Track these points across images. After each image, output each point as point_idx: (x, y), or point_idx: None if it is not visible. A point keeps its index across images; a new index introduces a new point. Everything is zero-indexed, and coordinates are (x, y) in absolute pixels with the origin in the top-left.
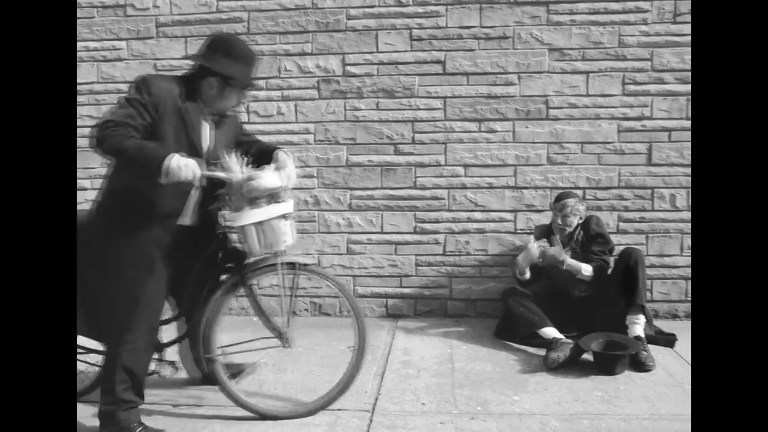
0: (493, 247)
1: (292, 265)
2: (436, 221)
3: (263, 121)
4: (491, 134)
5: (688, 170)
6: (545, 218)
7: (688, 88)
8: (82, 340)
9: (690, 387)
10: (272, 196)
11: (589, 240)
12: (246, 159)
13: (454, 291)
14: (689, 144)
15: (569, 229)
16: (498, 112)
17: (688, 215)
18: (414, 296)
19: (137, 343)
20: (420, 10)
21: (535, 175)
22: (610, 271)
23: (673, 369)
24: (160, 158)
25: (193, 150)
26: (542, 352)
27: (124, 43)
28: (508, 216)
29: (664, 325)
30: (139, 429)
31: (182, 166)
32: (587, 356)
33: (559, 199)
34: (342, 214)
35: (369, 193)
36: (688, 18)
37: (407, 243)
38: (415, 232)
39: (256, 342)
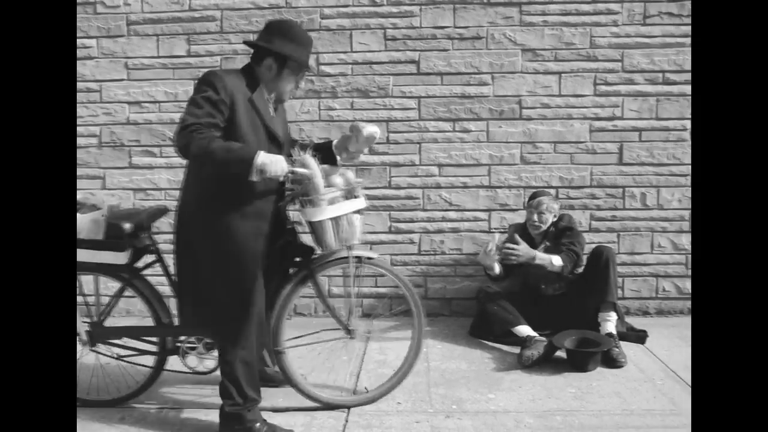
0: (467, 247)
1: (357, 259)
2: (411, 221)
3: None
4: (465, 134)
5: (658, 169)
6: (519, 217)
7: (658, 88)
8: (129, 341)
9: (660, 382)
10: (349, 192)
11: (559, 234)
12: (317, 156)
13: (429, 290)
14: (659, 143)
15: (544, 227)
16: (472, 112)
17: (658, 214)
18: (389, 296)
19: (252, 338)
20: (394, 10)
21: (508, 174)
22: (582, 268)
23: (644, 365)
24: (250, 157)
25: (270, 136)
26: (516, 350)
27: (94, 41)
28: (483, 215)
29: (636, 322)
30: (264, 428)
31: (272, 162)
32: (561, 353)
33: (534, 197)
34: None
35: None
36: (658, 20)
37: (382, 242)
38: (390, 232)
39: (322, 334)
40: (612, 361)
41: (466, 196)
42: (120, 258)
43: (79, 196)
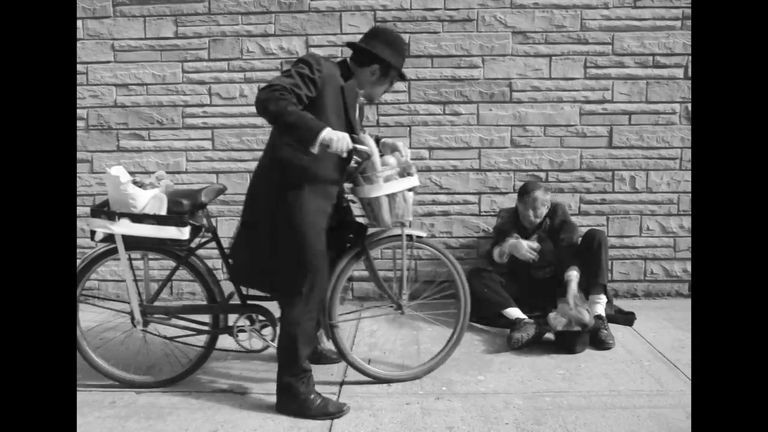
0: (457, 230)
1: (409, 238)
2: None
3: (225, 103)
4: (455, 117)
5: (648, 152)
6: (509, 201)
7: (648, 71)
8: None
9: (648, 363)
10: (404, 170)
11: (556, 229)
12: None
13: (419, 273)
14: (648, 127)
15: (539, 221)
16: (462, 95)
17: (647, 197)
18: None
19: (314, 312)
20: None
21: (498, 157)
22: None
23: (631, 346)
24: (319, 128)
25: (349, 127)
26: (506, 332)
27: (80, 22)
28: (473, 198)
29: (624, 304)
30: (318, 401)
31: (339, 138)
32: (549, 335)
33: (526, 191)
34: None
35: None
36: (648, 3)
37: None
38: None
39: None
40: (600, 343)
41: (456, 179)
42: (184, 233)
43: (137, 177)
